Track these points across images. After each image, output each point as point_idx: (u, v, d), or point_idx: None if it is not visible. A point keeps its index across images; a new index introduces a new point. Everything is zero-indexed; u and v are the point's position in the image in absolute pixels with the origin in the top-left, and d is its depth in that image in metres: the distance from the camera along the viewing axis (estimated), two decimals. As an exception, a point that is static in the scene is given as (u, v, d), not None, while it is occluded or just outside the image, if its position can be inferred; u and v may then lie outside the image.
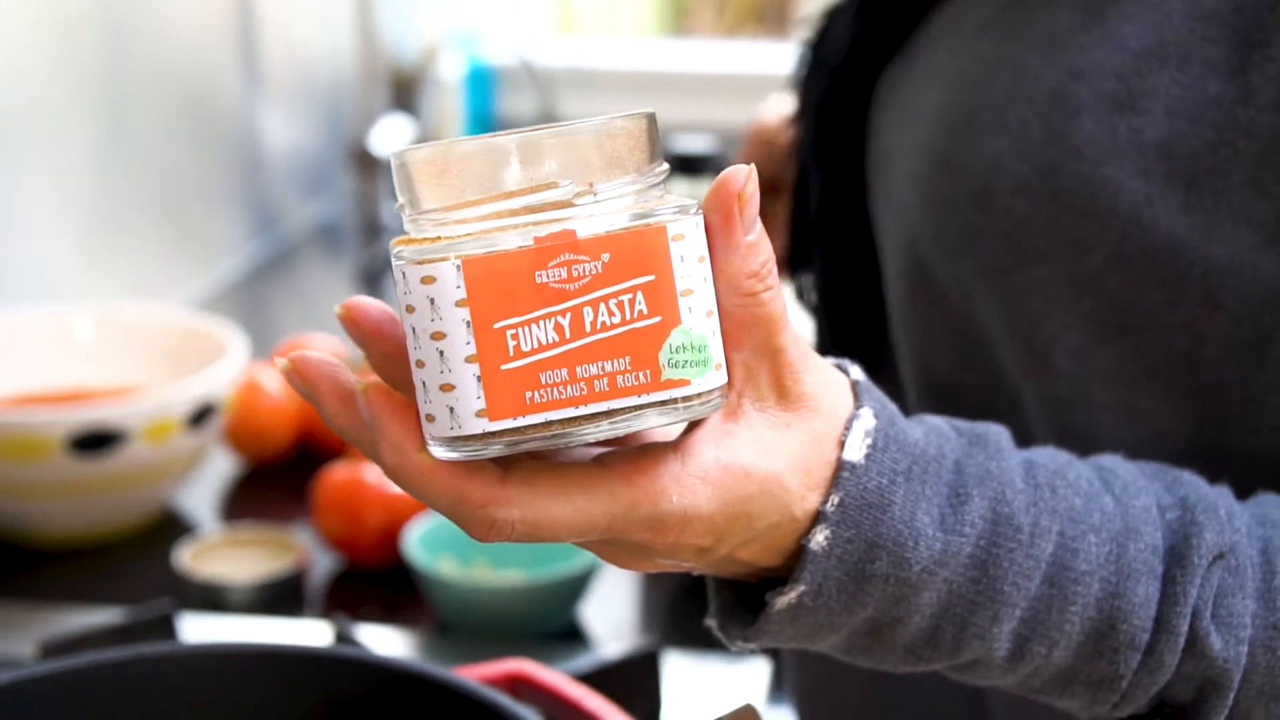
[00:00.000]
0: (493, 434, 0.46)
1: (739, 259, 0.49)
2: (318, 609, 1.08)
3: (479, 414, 0.46)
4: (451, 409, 0.46)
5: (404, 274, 0.46)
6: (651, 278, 0.46)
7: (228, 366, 1.17)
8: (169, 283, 1.64)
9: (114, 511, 1.15)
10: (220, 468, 1.29)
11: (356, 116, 1.99)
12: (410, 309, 0.47)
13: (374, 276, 1.86)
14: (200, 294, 1.70)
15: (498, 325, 0.46)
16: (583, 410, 0.46)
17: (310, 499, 1.15)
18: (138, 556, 1.15)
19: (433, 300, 0.46)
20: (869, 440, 0.52)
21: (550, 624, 1.02)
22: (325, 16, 2.04)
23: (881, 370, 0.76)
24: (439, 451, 0.47)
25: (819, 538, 0.52)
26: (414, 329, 0.47)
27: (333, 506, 1.11)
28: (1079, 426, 0.64)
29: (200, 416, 1.14)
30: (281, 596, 1.07)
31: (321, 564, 1.13)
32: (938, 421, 0.56)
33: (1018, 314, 0.64)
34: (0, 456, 1.08)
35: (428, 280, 0.46)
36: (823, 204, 0.78)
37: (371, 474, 1.12)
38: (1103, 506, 0.56)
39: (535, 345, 0.46)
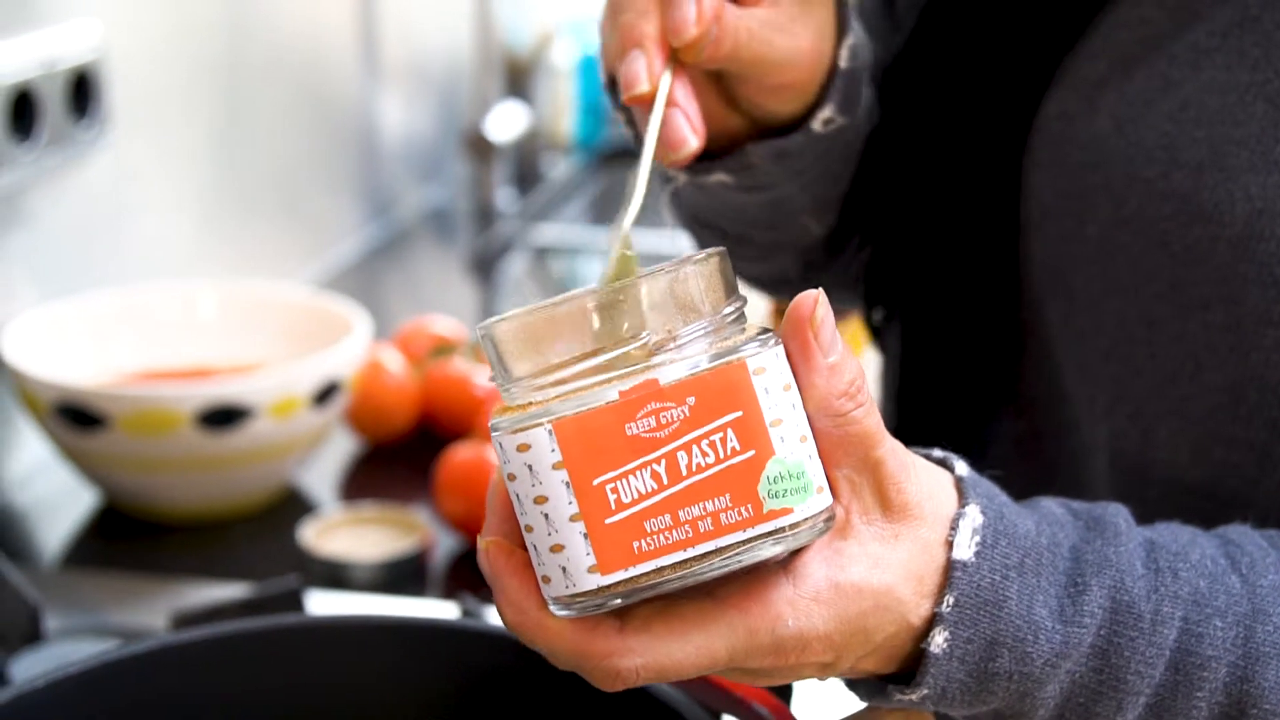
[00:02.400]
0: (607, 588, 0.47)
1: (824, 382, 0.49)
2: (439, 589, 1.08)
3: (591, 570, 0.47)
4: (564, 568, 0.47)
5: (501, 444, 0.48)
6: (739, 414, 0.47)
7: (352, 345, 1.18)
8: (285, 264, 1.65)
9: (238, 487, 1.15)
10: (341, 447, 1.30)
11: (471, 103, 2.00)
12: (512, 477, 0.48)
13: (485, 263, 1.86)
14: (315, 276, 1.71)
15: (596, 481, 0.47)
16: (691, 552, 0.47)
17: (431, 480, 1.15)
18: (260, 533, 1.15)
19: (530, 466, 0.47)
20: (977, 538, 0.52)
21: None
22: (442, 4, 2.04)
23: (1046, 437, 0.72)
24: (558, 610, 0.48)
25: (938, 639, 0.51)
26: (518, 496, 0.48)
27: (456, 487, 1.11)
28: None
29: (325, 394, 1.14)
30: (404, 576, 1.07)
31: (443, 544, 1.12)
32: (1052, 506, 0.55)
33: None
34: (131, 430, 1.08)
35: (524, 448, 0.47)
36: (946, 243, 0.74)
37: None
38: (1228, 587, 0.54)
39: (636, 496, 0.47)
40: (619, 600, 0.48)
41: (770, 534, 0.47)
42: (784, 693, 0.81)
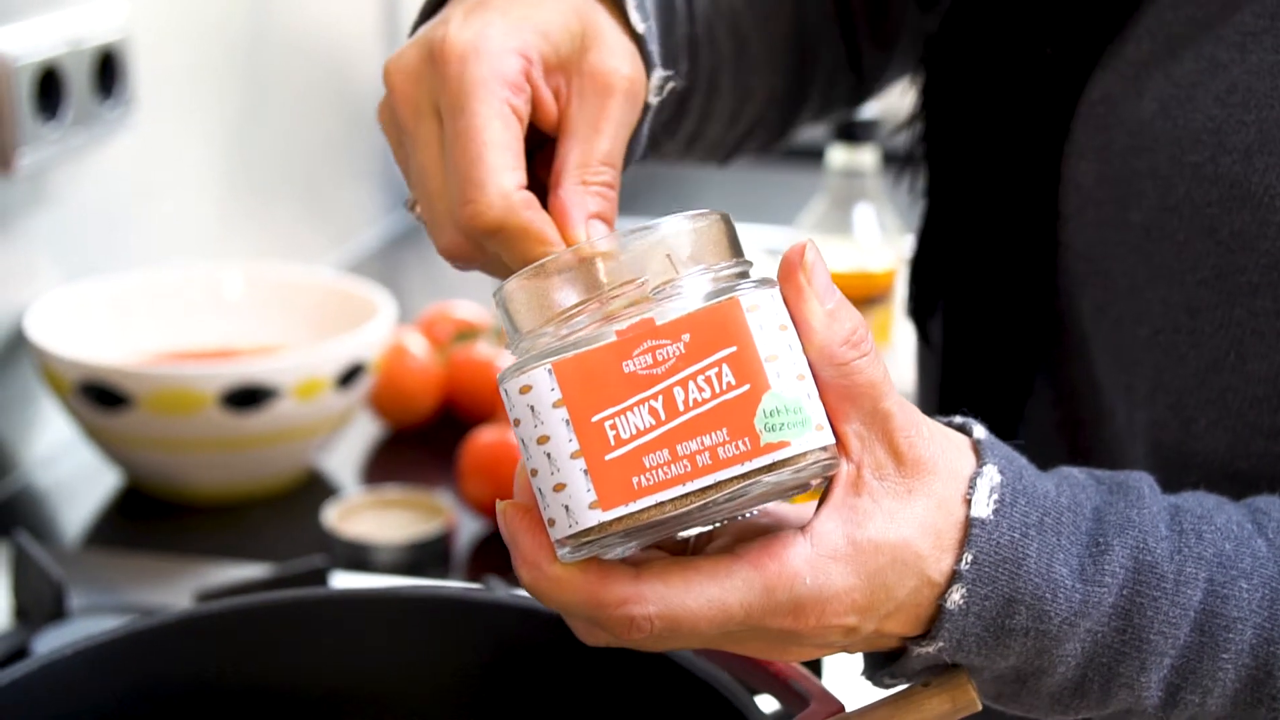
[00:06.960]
0: (608, 524, 0.47)
1: (824, 328, 0.49)
2: (462, 572, 1.07)
3: (592, 506, 0.47)
4: (567, 507, 0.48)
5: (506, 392, 0.49)
6: (734, 349, 0.47)
7: (377, 327, 1.17)
8: (306, 251, 1.65)
9: (261, 469, 1.15)
10: (364, 431, 1.29)
11: (494, 91, 1.99)
12: (517, 422, 0.49)
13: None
14: (338, 261, 1.71)
15: (595, 418, 0.47)
16: (690, 486, 0.47)
17: (453, 463, 1.15)
18: (283, 515, 1.15)
19: (533, 408, 0.48)
20: (995, 495, 0.52)
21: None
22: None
23: (1088, 422, 0.71)
24: (567, 555, 0.49)
25: (955, 596, 0.51)
26: (523, 440, 0.49)
27: (480, 470, 1.10)
28: None
29: (350, 376, 1.14)
30: (427, 558, 1.06)
31: (467, 528, 1.12)
32: (1074, 472, 0.55)
33: None
34: (155, 410, 1.08)
35: (525, 389, 0.48)
36: (985, 231, 0.73)
37: (520, 438, 1.11)
38: (1255, 551, 0.54)
39: (634, 432, 0.47)
40: (621, 539, 0.48)
41: (768, 467, 0.47)
42: (814, 669, 0.80)
